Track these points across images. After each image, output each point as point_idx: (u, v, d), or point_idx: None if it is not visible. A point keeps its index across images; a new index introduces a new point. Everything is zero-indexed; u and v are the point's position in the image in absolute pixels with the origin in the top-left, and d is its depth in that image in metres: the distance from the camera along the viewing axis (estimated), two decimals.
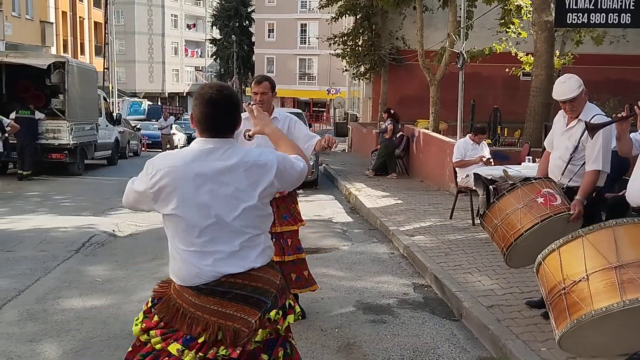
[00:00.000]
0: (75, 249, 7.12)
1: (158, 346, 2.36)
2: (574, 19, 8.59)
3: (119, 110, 32.18)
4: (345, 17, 22.50)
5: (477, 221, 8.25)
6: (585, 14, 8.53)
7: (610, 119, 3.99)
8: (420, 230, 8.02)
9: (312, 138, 4.72)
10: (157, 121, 34.55)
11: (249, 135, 2.80)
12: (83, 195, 12.02)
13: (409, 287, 5.96)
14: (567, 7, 8.48)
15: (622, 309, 2.38)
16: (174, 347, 2.32)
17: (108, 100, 21.68)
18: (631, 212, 3.77)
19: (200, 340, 2.29)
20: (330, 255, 7.18)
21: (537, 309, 4.80)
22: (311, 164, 14.70)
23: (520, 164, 8.29)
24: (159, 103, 52.32)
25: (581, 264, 2.57)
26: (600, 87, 16.29)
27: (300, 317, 2.59)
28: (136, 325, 2.48)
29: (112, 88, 34.59)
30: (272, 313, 2.39)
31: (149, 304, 2.51)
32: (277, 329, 2.44)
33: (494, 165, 8.42)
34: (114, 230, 8.31)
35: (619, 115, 3.87)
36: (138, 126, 25.85)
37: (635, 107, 3.61)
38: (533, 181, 4.36)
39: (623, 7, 8.45)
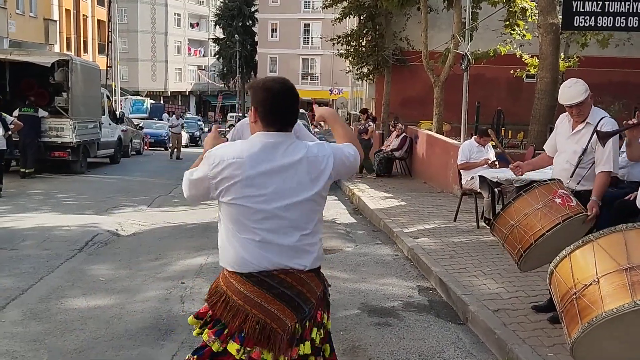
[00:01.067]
0: (79, 248, 7.10)
1: (217, 347, 2.39)
2: (582, 22, 8.55)
3: (121, 108, 32.14)
4: (349, 17, 22.46)
5: (482, 224, 8.22)
6: (593, 17, 8.50)
7: (621, 127, 3.97)
8: (424, 232, 7.99)
9: (308, 137, 4.74)
10: (159, 120, 34.67)
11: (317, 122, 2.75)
12: (86, 193, 12.01)
13: (414, 289, 5.93)
14: (574, 9, 8.44)
15: (633, 309, 2.36)
16: (232, 347, 2.37)
17: (111, 98, 21.65)
18: None
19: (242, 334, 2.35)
20: (334, 257, 7.16)
21: (543, 313, 4.77)
22: None
23: None
24: (162, 102, 52.35)
25: (592, 267, 2.56)
26: (604, 90, 16.24)
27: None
28: (194, 330, 2.54)
29: (115, 86, 34.64)
30: (314, 331, 2.46)
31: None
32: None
33: (499, 167, 8.38)
34: (117, 230, 8.29)
35: (630, 122, 3.86)
36: (141, 125, 25.86)
37: None
38: (548, 182, 4.33)
39: (631, 11, 8.41)
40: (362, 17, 21.86)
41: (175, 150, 22.15)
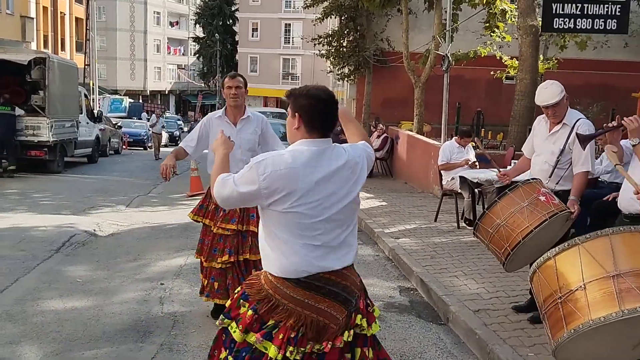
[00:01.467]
0: (55, 249, 6.98)
1: (274, 353, 2.41)
2: (561, 24, 8.65)
3: (99, 107, 31.78)
4: (330, 17, 22.45)
5: (462, 224, 8.26)
6: (572, 19, 8.61)
7: (600, 129, 4.01)
8: (405, 232, 8.00)
9: (276, 145, 4.74)
10: (138, 119, 34.34)
11: None
12: (63, 193, 11.83)
13: (395, 290, 5.93)
14: (554, 12, 8.54)
15: (620, 319, 2.35)
16: (287, 349, 2.42)
17: (89, 97, 21.39)
18: (623, 219, 3.78)
19: (297, 334, 2.42)
20: None
21: (523, 313, 4.80)
22: None
23: (506, 167, 8.29)
24: (140, 101, 51.84)
25: (578, 272, 2.53)
26: (582, 92, 16.42)
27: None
28: (234, 331, 2.50)
29: (93, 85, 34.22)
30: (358, 318, 2.57)
31: (236, 303, 2.55)
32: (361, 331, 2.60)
33: (479, 168, 8.43)
34: (94, 230, 8.17)
35: (610, 125, 3.90)
36: (119, 124, 25.60)
37: (624, 120, 3.64)
38: (531, 181, 4.35)
39: (609, 13, 8.54)
40: (343, 18, 21.86)
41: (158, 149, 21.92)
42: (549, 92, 4.55)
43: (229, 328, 2.52)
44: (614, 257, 2.49)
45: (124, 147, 25.25)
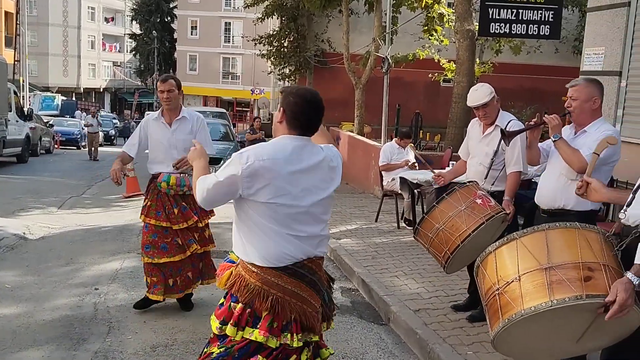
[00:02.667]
0: None
1: (275, 344, 2.54)
2: (497, 29, 8.91)
3: (30, 105, 30.53)
4: (271, 17, 22.38)
5: (402, 224, 8.36)
6: (508, 24, 8.88)
7: (523, 127, 4.11)
8: (346, 233, 8.02)
9: (207, 147, 4.79)
10: (71, 117, 33.22)
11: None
12: None
13: (337, 291, 5.91)
14: (490, 17, 8.78)
15: (549, 309, 2.44)
16: (287, 338, 2.56)
17: (19, 94, 20.49)
18: (541, 215, 3.88)
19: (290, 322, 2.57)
20: None
21: (462, 312, 4.89)
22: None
23: (444, 168, 8.45)
24: (74, 99, 50.16)
25: (514, 265, 2.64)
26: (516, 95, 16.99)
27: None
28: (231, 327, 2.56)
29: (23, 82, 32.78)
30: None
31: (227, 309, 2.62)
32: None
33: (418, 169, 8.55)
34: (24, 233, 7.81)
35: (532, 122, 4.00)
36: (51, 122, 24.70)
37: (545, 116, 3.75)
38: (467, 184, 4.43)
39: (543, 19, 8.85)
40: (283, 18, 21.84)
41: (93, 150, 20.95)
42: (478, 93, 4.67)
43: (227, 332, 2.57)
44: (548, 250, 2.59)
45: (56, 146, 24.35)
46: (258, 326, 2.53)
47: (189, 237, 5.00)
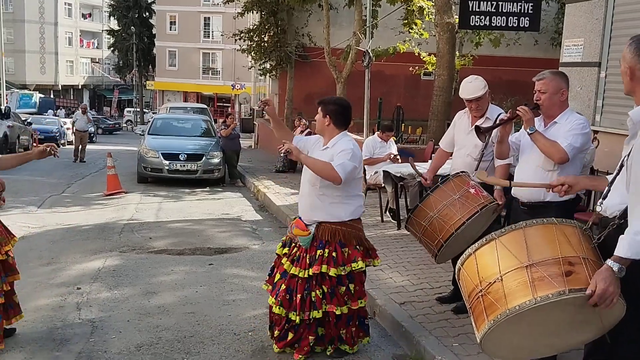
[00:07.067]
0: None
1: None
2: (477, 21, 8.93)
3: (7, 103, 30.07)
4: (251, 12, 22.25)
5: (386, 218, 8.37)
6: (488, 17, 8.90)
7: (497, 122, 4.11)
8: None
9: None
10: (47, 114, 32.77)
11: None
12: None
13: None
14: (470, 9, 8.80)
15: (533, 306, 2.43)
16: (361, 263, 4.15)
17: None
18: (520, 207, 3.89)
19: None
20: (241, 255, 7.03)
21: (447, 304, 4.91)
22: (217, 161, 14.34)
23: (426, 161, 8.47)
24: (52, 96, 49.51)
25: (495, 265, 2.61)
26: (495, 88, 16.97)
27: None
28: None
29: (0, 80, 32.29)
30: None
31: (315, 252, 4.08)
32: None
33: (401, 162, 8.56)
34: None
35: (504, 117, 4.01)
36: (29, 120, 24.32)
37: (518, 109, 3.76)
38: (460, 174, 4.43)
39: (522, 11, 8.89)
40: (263, 13, 21.72)
41: (80, 150, 18.90)
42: (473, 86, 4.66)
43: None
44: (528, 247, 2.58)
45: (34, 144, 23.99)
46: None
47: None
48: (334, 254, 3.99)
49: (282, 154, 4.08)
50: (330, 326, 4.08)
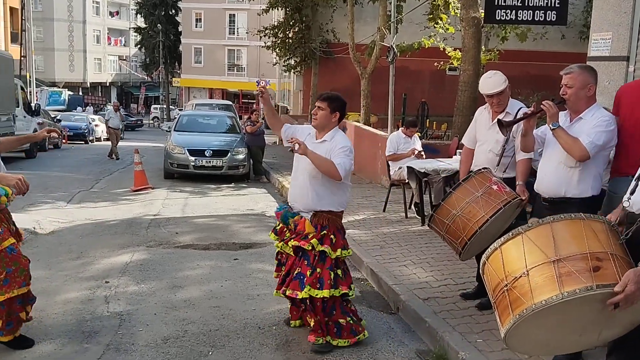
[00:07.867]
0: None
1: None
2: (503, 15, 8.84)
3: (37, 100, 30.62)
4: (276, 9, 22.34)
5: (410, 214, 8.36)
6: (514, 11, 8.81)
7: (521, 116, 4.08)
8: (354, 223, 8.03)
9: None
10: (76, 112, 33.29)
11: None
12: None
13: None
14: (496, 3, 8.72)
15: (561, 301, 2.42)
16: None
17: (25, 89, 20.57)
18: (542, 202, 3.86)
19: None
20: (265, 250, 7.08)
21: (471, 300, 4.89)
22: (242, 157, 14.43)
23: (451, 157, 8.43)
24: (80, 93, 50.30)
25: (521, 260, 2.60)
26: (522, 83, 16.87)
27: None
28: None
29: (30, 77, 32.90)
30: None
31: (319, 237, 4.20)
32: None
33: (425, 158, 8.54)
34: (34, 228, 7.86)
35: (528, 111, 3.97)
36: (58, 117, 24.73)
37: (542, 104, 3.72)
38: (482, 170, 4.41)
39: (549, 5, 8.77)
40: (288, 9, 21.77)
41: (113, 148, 18.57)
42: (493, 81, 4.63)
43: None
44: (555, 242, 2.56)
45: (63, 141, 24.43)
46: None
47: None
48: (332, 236, 4.21)
49: (290, 150, 4.43)
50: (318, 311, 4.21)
